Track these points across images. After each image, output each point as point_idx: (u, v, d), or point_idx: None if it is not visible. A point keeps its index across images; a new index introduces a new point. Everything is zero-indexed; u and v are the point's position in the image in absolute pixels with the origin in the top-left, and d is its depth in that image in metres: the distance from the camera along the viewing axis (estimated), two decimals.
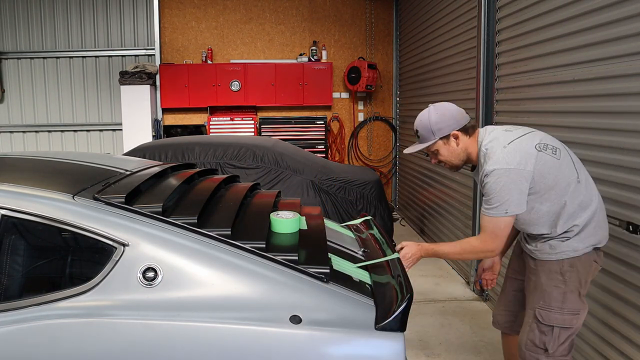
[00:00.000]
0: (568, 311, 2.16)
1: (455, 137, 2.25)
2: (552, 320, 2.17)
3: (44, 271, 1.96)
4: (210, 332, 1.60)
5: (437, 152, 2.31)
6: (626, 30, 2.54)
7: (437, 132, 2.24)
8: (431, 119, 2.24)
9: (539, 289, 2.22)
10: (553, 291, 2.17)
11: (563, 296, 2.16)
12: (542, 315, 2.18)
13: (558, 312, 2.16)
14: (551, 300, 2.17)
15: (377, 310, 1.65)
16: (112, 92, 7.61)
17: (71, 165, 2.34)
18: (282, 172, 4.44)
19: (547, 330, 2.18)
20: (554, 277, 2.18)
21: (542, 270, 2.22)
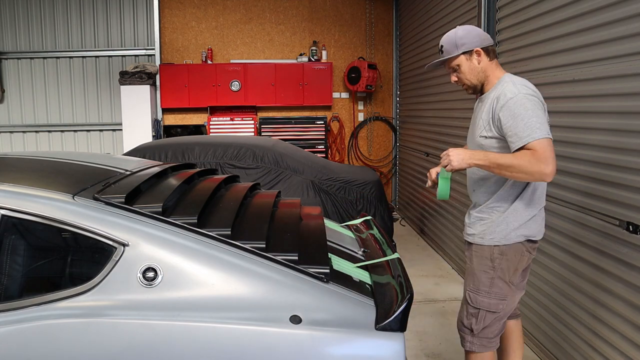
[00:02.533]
0: (495, 296, 2.28)
1: (477, 54, 2.29)
2: (479, 304, 2.30)
3: (44, 271, 1.96)
4: (210, 332, 1.60)
5: (457, 68, 2.34)
6: (626, 30, 2.54)
7: (461, 46, 2.29)
8: (457, 33, 2.31)
9: (470, 272, 2.37)
10: (482, 276, 2.30)
11: (491, 281, 2.28)
12: (471, 297, 2.33)
13: (485, 296, 2.29)
14: (480, 284, 2.31)
15: (378, 310, 1.65)
16: (112, 92, 7.60)
17: (71, 165, 2.34)
18: (282, 172, 4.44)
19: (474, 312, 2.32)
20: (484, 262, 2.30)
21: (475, 255, 2.35)
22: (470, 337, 2.34)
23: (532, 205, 2.27)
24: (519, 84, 2.20)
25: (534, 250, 2.35)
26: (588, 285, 2.88)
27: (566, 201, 3.10)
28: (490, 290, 2.29)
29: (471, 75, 2.34)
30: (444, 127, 5.53)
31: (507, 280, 2.29)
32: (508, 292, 2.30)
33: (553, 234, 3.24)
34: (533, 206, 2.28)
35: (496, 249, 2.27)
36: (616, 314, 2.64)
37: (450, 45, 2.32)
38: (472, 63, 2.31)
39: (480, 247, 2.33)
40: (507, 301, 2.31)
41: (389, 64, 8.02)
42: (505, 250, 2.27)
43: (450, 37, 2.33)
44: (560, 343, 3.15)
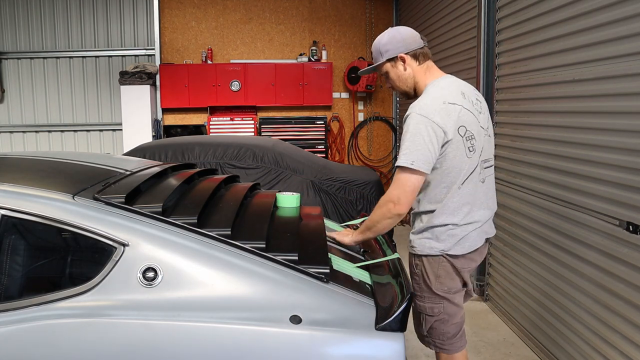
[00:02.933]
0: (428, 300, 2.23)
1: (402, 61, 2.19)
2: (418, 307, 2.27)
3: (44, 271, 1.96)
4: (210, 332, 1.60)
5: (387, 75, 2.27)
6: (626, 30, 2.54)
7: (385, 53, 2.21)
8: (381, 40, 2.22)
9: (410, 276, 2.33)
10: (413, 282, 2.27)
11: (419, 287, 2.25)
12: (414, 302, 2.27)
13: (419, 300, 2.26)
14: (414, 289, 2.27)
15: (377, 311, 1.65)
16: (112, 92, 7.60)
17: (71, 165, 2.34)
18: (282, 172, 4.44)
19: (417, 315, 2.29)
20: (411, 269, 2.29)
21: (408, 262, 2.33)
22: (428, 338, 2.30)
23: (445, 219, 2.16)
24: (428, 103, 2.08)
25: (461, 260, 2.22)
26: (588, 285, 2.88)
27: (566, 201, 3.10)
28: (422, 295, 2.24)
29: (399, 82, 2.26)
30: None
31: (432, 287, 2.21)
32: (437, 298, 2.22)
33: (553, 234, 3.24)
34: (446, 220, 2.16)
35: (416, 258, 2.25)
36: (616, 314, 2.64)
37: (375, 52, 2.25)
38: (398, 70, 2.22)
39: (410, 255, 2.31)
40: (443, 304, 2.21)
41: None
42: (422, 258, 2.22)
43: (375, 43, 2.25)
44: (560, 343, 3.15)
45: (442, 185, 2.14)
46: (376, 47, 2.24)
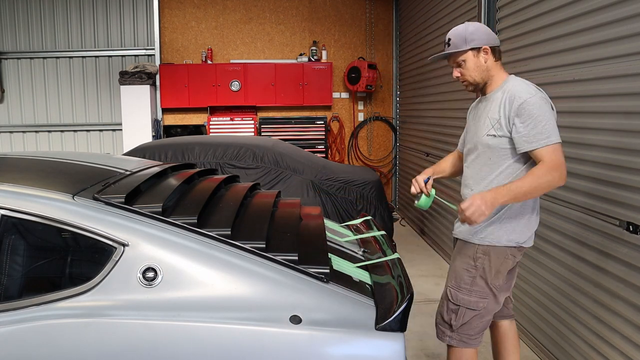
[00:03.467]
0: (475, 294, 2.27)
1: (485, 52, 2.27)
2: (459, 300, 2.29)
3: (43, 271, 1.96)
4: (210, 332, 1.60)
5: (463, 64, 2.31)
6: (626, 30, 2.54)
7: (471, 42, 2.25)
8: (468, 29, 2.27)
9: (453, 269, 2.36)
10: (464, 274, 2.30)
11: (472, 280, 2.27)
12: (451, 293, 2.32)
13: (466, 293, 2.28)
14: (461, 282, 2.30)
15: (378, 311, 1.65)
16: (112, 92, 7.60)
17: (71, 165, 2.34)
18: (282, 172, 4.44)
19: (454, 309, 2.31)
20: (466, 261, 2.30)
21: (458, 252, 2.35)
22: (450, 332, 2.34)
23: (527, 210, 2.27)
24: (532, 86, 2.21)
25: (521, 255, 2.34)
26: (588, 285, 2.88)
27: (566, 201, 3.10)
28: (471, 289, 2.28)
29: (476, 73, 2.31)
30: (444, 127, 5.53)
31: (488, 280, 2.27)
32: (488, 292, 2.29)
33: (553, 234, 3.23)
34: (527, 211, 2.27)
35: (480, 248, 2.27)
36: (616, 314, 2.64)
37: (459, 39, 2.27)
38: (479, 60, 2.28)
39: (465, 244, 2.33)
40: (488, 300, 2.29)
41: (389, 64, 8.02)
42: (489, 250, 2.26)
43: (459, 31, 2.28)
44: (561, 343, 3.15)
45: None
46: (460, 34, 2.27)
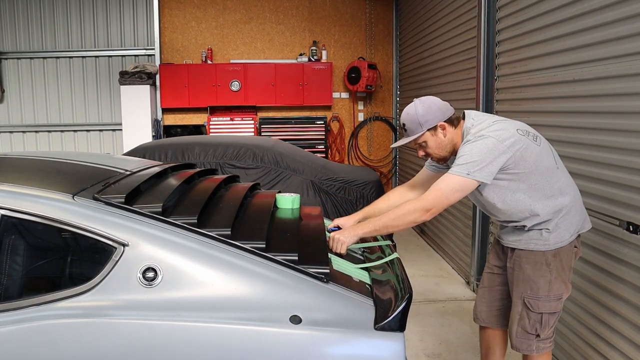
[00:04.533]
0: (554, 297, 2.27)
1: (442, 128, 2.28)
2: (540, 308, 2.26)
3: (43, 271, 1.96)
4: (210, 332, 1.60)
5: (424, 144, 2.33)
6: (626, 30, 2.53)
7: (425, 123, 2.26)
8: (418, 111, 2.26)
9: (525, 279, 2.29)
10: (540, 280, 2.26)
11: (549, 285, 2.25)
12: (531, 303, 2.27)
13: (545, 299, 2.26)
14: (538, 289, 2.26)
15: (377, 310, 1.65)
16: (112, 92, 7.60)
17: (71, 165, 2.34)
18: (282, 172, 4.44)
19: (537, 318, 2.27)
20: (540, 267, 2.26)
21: (526, 261, 2.29)
22: (536, 342, 2.30)
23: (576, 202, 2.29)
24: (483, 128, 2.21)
25: (579, 244, 2.36)
26: (588, 285, 2.88)
27: None
28: (550, 294, 2.26)
29: (439, 150, 2.32)
30: None
31: (563, 279, 2.27)
32: (564, 290, 2.29)
33: None
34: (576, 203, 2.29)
35: (549, 253, 2.25)
36: (616, 314, 2.64)
37: (413, 124, 2.28)
38: (439, 137, 2.29)
39: (531, 253, 2.28)
40: (562, 298, 2.30)
41: (389, 64, 8.02)
42: (558, 251, 2.25)
43: (411, 116, 2.28)
44: (560, 343, 3.15)
45: None
46: (413, 118, 2.27)
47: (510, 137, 2.15)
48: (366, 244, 2.32)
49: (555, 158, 2.29)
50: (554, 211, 2.22)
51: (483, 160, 2.11)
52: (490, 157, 2.11)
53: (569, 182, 2.30)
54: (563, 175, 2.28)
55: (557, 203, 2.22)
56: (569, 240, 2.26)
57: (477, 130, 2.19)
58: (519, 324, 2.31)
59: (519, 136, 2.17)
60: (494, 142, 2.12)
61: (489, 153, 2.11)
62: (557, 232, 2.24)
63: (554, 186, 2.22)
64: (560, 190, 2.23)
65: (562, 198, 2.23)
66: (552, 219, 2.23)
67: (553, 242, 2.24)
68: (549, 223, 2.23)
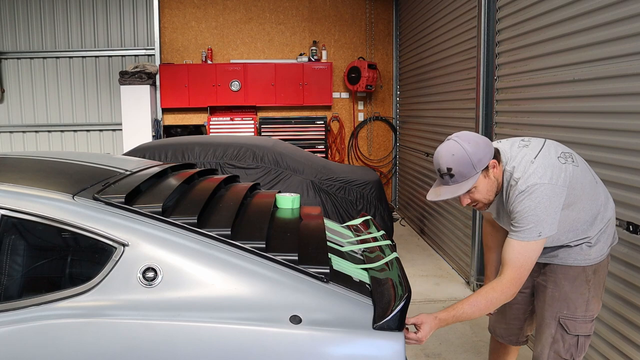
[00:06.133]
0: (590, 318, 2.09)
1: (493, 167, 1.95)
2: (578, 330, 2.07)
3: (43, 271, 1.96)
4: (210, 332, 1.60)
5: (474, 190, 1.96)
6: (626, 30, 2.54)
7: (478, 164, 1.89)
8: (468, 151, 1.88)
9: (561, 297, 2.09)
10: (578, 299, 2.06)
11: (587, 304, 2.07)
12: (567, 325, 2.07)
13: (582, 320, 2.07)
14: (576, 309, 2.07)
15: (375, 310, 1.65)
16: (112, 92, 7.60)
17: (71, 165, 2.34)
18: (282, 172, 4.44)
19: (574, 342, 2.07)
20: (580, 284, 2.07)
21: (564, 277, 2.09)
22: None
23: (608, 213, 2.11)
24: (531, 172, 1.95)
25: None
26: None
27: None
28: (586, 314, 2.07)
29: (489, 193, 1.99)
30: (444, 127, 5.53)
31: (600, 297, 2.11)
32: (598, 309, 2.11)
33: None
34: (609, 213, 2.11)
35: (589, 268, 2.07)
36: (617, 314, 2.64)
37: (465, 167, 1.88)
38: (490, 179, 1.96)
39: (569, 268, 2.09)
40: (595, 318, 2.11)
41: (389, 64, 8.02)
42: (598, 267, 2.09)
43: (459, 157, 1.88)
44: None
45: None
46: (463, 159, 1.88)
47: (559, 172, 1.92)
48: (366, 244, 2.32)
49: (592, 172, 2.10)
50: (600, 228, 2.06)
51: (548, 213, 1.88)
52: (552, 206, 1.89)
53: (607, 193, 2.13)
54: (602, 188, 2.11)
55: (603, 218, 2.06)
56: (607, 253, 2.10)
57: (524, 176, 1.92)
58: (552, 348, 2.10)
59: (563, 165, 1.95)
60: (551, 188, 1.88)
61: (550, 203, 1.88)
62: (598, 246, 2.06)
63: (599, 202, 2.05)
64: (604, 205, 2.07)
65: (606, 212, 2.07)
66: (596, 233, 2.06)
67: (594, 256, 2.06)
68: (592, 237, 2.05)
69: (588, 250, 2.06)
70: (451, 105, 5.24)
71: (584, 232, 2.04)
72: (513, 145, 2.06)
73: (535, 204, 1.88)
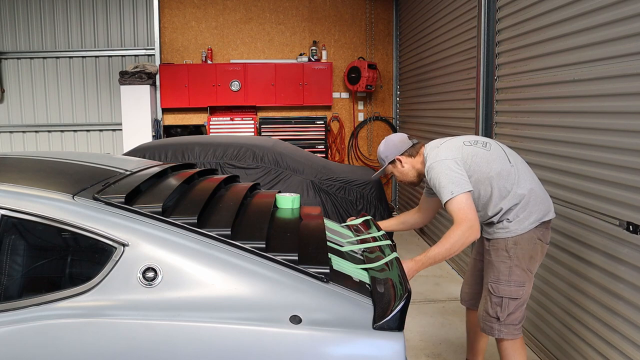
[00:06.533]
0: (514, 283, 2.49)
1: (399, 161, 2.72)
2: (501, 292, 2.50)
3: (43, 271, 1.96)
4: (210, 332, 1.60)
5: (393, 174, 2.80)
6: (626, 30, 2.54)
7: (385, 158, 2.75)
8: (380, 150, 2.78)
9: (490, 265, 2.56)
10: (501, 266, 2.51)
11: (509, 270, 2.49)
12: (492, 287, 2.52)
13: (505, 284, 2.49)
14: (499, 274, 2.51)
15: (375, 310, 1.65)
16: (112, 92, 7.60)
17: (71, 165, 2.34)
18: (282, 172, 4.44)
19: (497, 301, 2.50)
20: (501, 253, 2.51)
21: (492, 248, 2.55)
22: (498, 325, 2.52)
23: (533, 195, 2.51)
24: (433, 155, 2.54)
25: (546, 237, 2.55)
26: (588, 285, 2.89)
27: (566, 201, 3.10)
28: (510, 279, 2.48)
29: (405, 177, 2.77)
30: (443, 127, 5.53)
31: (524, 267, 2.49)
32: (526, 278, 2.50)
33: (553, 234, 3.23)
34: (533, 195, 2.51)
35: (510, 240, 2.49)
36: (617, 314, 2.64)
37: (379, 159, 2.80)
38: (398, 168, 2.74)
39: (495, 241, 2.55)
40: (526, 287, 2.50)
41: (389, 64, 8.02)
42: (518, 239, 2.48)
43: (379, 152, 2.78)
44: (560, 343, 3.15)
45: None
46: (379, 155, 2.79)
47: (455, 150, 2.50)
48: (366, 244, 2.32)
49: (509, 158, 2.55)
50: (514, 203, 2.48)
51: (450, 177, 2.40)
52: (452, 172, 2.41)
53: (527, 176, 2.54)
54: (520, 170, 2.53)
55: (516, 195, 2.47)
56: (529, 228, 2.48)
57: (428, 160, 2.54)
58: (484, 307, 2.58)
59: (464, 146, 2.53)
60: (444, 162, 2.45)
61: (448, 171, 2.42)
62: (516, 221, 2.48)
63: (511, 181, 2.49)
64: (517, 184, 2.49)
65: (520, 190, 2.48)
66: (511, 208, 2.49)
67: (513, 229, 2.49)
68: (508, 213, 2.50)
69: (507, 225, 2.50)
70: (451, 105, 5.24)
71: (496, 205, 2.50)
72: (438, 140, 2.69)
73: (437, 174, 2.45)
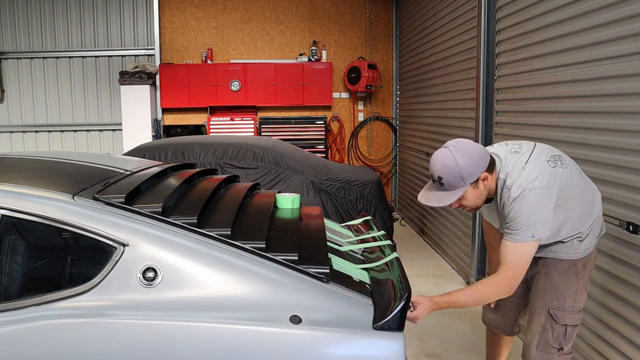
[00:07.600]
0: (577, 309, 2.19)
1: (484, 179, 2.04)
2: (566, 320, 2.17)
3: (43, 271, 1.96)
4: (210, 332, 1.60)
5: (461, 198, 2.06)
6: (626, 30, 2.54)
7: (468, 177, 1.99)
8: (459, 164, 1.97)
9: (551, 289, 2.19)
10: (567, 290, 2.17)
11: (575, 295, 2.18)
12: (557, 315, 2.17)
13: (571, 311, 2.17)
14: (565, 300, 2.17)
15: (375, 310, 1.65)
16: (112, 92, 7.60)
17: (71, 165, 2.34)
18: (282, 172, 4.44)
19: (562, 331, 2.17)
20: (569, 276, 2.17)
21: (555, 270, 2.19)
22: (558, 357, 2.19)
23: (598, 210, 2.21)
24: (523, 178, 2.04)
25: None
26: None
27: None
28: (574, 305, 2.18)
29: (478, 201, 2.11)
30: (444, 127, 5.53)
31: (586, 288, 2.22)
32: (584, 300, 2.22)
33: None
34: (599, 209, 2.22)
35: (579, 262, 2.18)
36: (617, 314, 2.64)
37: (454, 178, 1.98)
38: (479, 190, 2.06)
39: (560, 262, 2.19)
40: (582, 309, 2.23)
41: (389, 64, 8.02)
42: (587, 260, 2.20)
43: (450, 168, 1.97)
44: None
45: None
46: (453, 171, 1.97)
47: (549, 176, 2.01)
48: (366, 244, 2.32)
49: (580, 172, 2.18)
50: (590, 223, 2.16)
51: (540, 216, 1.98)
52: (543, 209, 1.98)
53: (594, 189, 2.22)
54: (589, 185, 2.20)
55: (592, 216, 2.16)
56: (595, 246, 2.21)
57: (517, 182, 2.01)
58: (542, 336, 2.19)
59: (552, 169, 2.04)
60: (541, 192, 1.98)
61: (541, 206, 1.98)
62: (587, 240, 2.16)
63: (587, 200, 2.15)
64: (592, 202, 2.17)
65: (594, 208, 2.17)
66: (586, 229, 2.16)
67: (583, 249, 2.16)
68: (582, 234, 2.15)
69: (578, 245, 2.16)
70: (451, 105, 5.23)
71: (575, 228, 2.14)
72: (507, 151, 2.15)
73: (527, 207, 1.98)
